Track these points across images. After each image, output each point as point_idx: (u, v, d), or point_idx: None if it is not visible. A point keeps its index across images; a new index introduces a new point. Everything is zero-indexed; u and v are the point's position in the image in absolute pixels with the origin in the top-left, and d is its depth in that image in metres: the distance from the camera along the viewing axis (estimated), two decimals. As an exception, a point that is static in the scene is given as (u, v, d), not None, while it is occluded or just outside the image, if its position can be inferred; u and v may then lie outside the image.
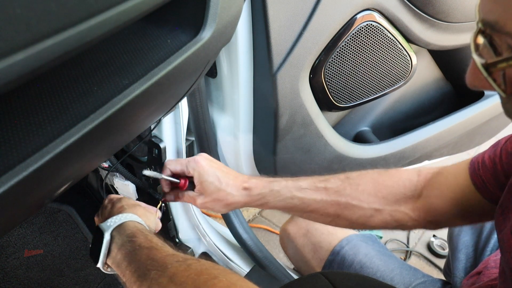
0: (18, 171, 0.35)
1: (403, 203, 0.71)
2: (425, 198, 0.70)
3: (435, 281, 0.90)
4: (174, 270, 0.52)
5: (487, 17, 0.35)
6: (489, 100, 1.23)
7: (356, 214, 0.72)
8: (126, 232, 0.62)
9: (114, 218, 0.65)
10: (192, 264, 0.52)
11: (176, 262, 0.53)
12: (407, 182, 0.72)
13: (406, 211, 0.71)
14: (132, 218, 0.66)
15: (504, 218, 0.52)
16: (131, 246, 0.59)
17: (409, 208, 0.71)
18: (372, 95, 1.04)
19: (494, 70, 0.36)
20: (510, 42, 0.34)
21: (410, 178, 0.72)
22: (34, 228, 1.29)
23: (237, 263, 1.22)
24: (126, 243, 0.60)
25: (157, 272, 0.52)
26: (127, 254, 0.59)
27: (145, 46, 0.51)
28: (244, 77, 0.93)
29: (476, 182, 0.62)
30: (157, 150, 0.99)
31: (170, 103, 0.73)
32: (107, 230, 0.63)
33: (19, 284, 1.18)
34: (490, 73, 0.37)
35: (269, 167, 1.06)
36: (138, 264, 0.56)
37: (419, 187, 0.71)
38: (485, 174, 0.61)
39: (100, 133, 0.44)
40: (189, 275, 0.50)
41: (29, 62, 0.29)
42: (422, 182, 0.71)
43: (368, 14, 0.89)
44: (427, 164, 1.40)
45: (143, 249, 0.58)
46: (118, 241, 0.62)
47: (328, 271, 0.91)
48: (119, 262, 0.60)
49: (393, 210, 0.71)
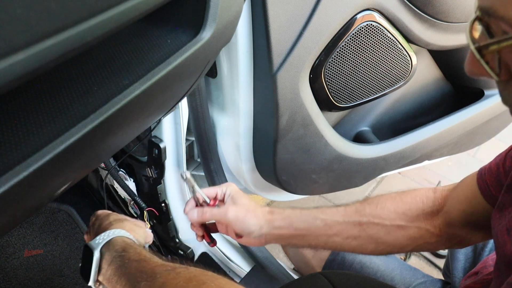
0: (18, 171, 0.35)
1: (423, 220, 0.71)
2: (444, 213, 0.70)
3: (435, 281, 0.90)
4: (164, 279, 0.52)
5: (483, 3, 0.37)
6: (489, 100, 1.23)
7: (380, 232, 0.72)
8: (115, 248, 0.63)
9: (102, 235, 0.65)
10: (181, 272, 0.53)
11: (165, 271, 0.54)
12: (424, 198, 0.72)
13: (427, 227, 0.71)
14: (120, 234, 0.66)
15: (501, 215, 0.53)
16: (121, 261, 0.60)
17: (430, 224, 0.71)
18: (372, 95, 1.04)
19: (486, 53, 0.38)
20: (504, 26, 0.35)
21: (427, 195, 0.73)
22: (34, 228, 1.29)
23: (237, 263, 1.22)
24: (116, 258, 0.61)
25: (146, 283, 0.53)
26: (117, 268, 0.59)
27: (145, 46, 0.51)
28: (244, 77, 0.93)
29: (482, 187, 0.63)
30: (157, 150, 0.99)
31: (170, 103, 0.73)
32: (96, 248, 0.63)
33: (19, 284, 1.18)
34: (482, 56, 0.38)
35: (269, 167, 1.06)
36: (128, 277, 0.56)
37: (437, 203, 0.71)
38: (490, 179, 0.62)
39: (100, 133, 0.44)
40: (178, 283, 0.50)
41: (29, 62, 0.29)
42: (439, 199, 0.72)
43: (368, 14, 0.89)
44: (427, 164, 1.40)
45: (132, 262, 0.58)
46: (108, 257, 0.62)
47: (328, 271, 0.91)
48: (110, 278, 0.60)
49: (415, 227, 0.71)
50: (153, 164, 1.03)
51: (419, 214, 0.71)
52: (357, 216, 0.73)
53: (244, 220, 0.72)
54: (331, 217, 0.73)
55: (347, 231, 0.72)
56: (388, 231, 0.71)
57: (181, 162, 1.06)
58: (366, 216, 0.72)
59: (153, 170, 1.04)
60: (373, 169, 1.17)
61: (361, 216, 0.72)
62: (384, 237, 0.72)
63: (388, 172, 1.27)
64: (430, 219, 0.71)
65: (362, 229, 0.72)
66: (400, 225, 0.71)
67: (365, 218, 0.72)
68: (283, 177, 1.07)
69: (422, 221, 0.71)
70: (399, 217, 0.72)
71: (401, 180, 1.86)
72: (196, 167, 1.21)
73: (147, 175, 1.06)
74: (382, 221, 0.72)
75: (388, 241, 0.72)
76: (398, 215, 0.72)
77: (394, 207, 0.72)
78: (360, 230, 0.72)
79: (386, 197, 0.75)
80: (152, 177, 1.05)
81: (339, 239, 0.73)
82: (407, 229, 0.71)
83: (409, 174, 1.88)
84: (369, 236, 0.72)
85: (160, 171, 1.03)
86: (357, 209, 0.73)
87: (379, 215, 0.72)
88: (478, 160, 2.00)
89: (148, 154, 1.02)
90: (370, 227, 0.72)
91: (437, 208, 0.71)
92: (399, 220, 0.71)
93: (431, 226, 0.71)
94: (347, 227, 0.72)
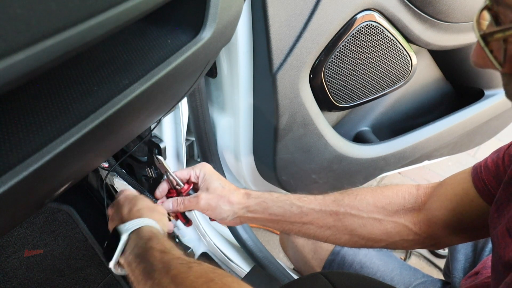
0: (18, 171, 0.35)
1: (403, 215, 0.70)
2: (426, 211, 0.69)
3: (435, 281, 0.90)
4: (176, 271, 0.54)
5: None
6: (489, 100, 1.23)
7: (355, 223, 0.71)
8: (141, 236, 0.65)
9: (133, 222, 0.67)
10: (193, 267, 0.54)
11: (180, 264, 0.55)
12: (406, 194, 0.71)
13: (406, 224, 0.70)
14: (149, 223, 0.68)
15: (499, 214, 0.53)
16: (144, 249, 0.61)
17: (410, 221, 0.70)
18: (372, 95, 1.04)
19: (491, 40, 0.38)
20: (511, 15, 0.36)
21: (410, 191, 0.72)
22: (34, 228, 1.29)
23: (237, 263, 1.22)
24: (140, 245, 0.63)
25: (160, 273, 0.54)
26: (138, 255, 0.61)
27: (145, 46, 0.51)
28: (244, 77, 0.93)
29: (478, 185, 0.62)
30: (157, 150, 0.99)
31: (170, 103, 0.73)
32: (125, 232, 0.65)
33: (19, 284, 1.18)
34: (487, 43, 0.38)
35: (269, 167, 1.06)
36: (146, 264, 0.58)
37: (420, 200, 0.70)
38: (487, 177, 0.61)
39: (100, 133, 0.45)
40: (188, 277, 0.52)
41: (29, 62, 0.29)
42: (422, 196, 0.71)
43: (368, 14, 0.89)
44: (427, 164, 1.40)
45: (153, 251, 0.60)
46: (132, 243, 0.64)
47: (328, 271, 0.91)
48: (130, 262, 0.62)
49: (393, 221, 0.70)
50: (153, 164, 1.03)
51: (399, 209, 0.70)
52: (334, 206, 0.72)
53: (216, 208, 0.74)
54: (308, 205, 0.72)
55: (323, 219, 0.72)
56: (364, 223, 0.70)
57: (181, 162, 1.06)
58: (343, 206, 0.71)
59: (153, 170, 1.04)
60: (373, 169, 1.17)
61: (338, 206, 0.72)
62: (359, 228, 0.71)
63: (388, 172, 1.27)
64: (410, 216, 0.70)
65: (338, 219, 0.71)
66: (377, 218, 0.70)
67: (342, 208, 0.71)
68: (283, 177, 1.07)
69: (402, 217, 0.70)
70: (378, 210, 0.71)
71: (401, 180, 1.86)
72: (196, 167, 1.21)
73: (147, 175, 1.06)
74: (359, 212, 0.71)
75: (363, 233, 0.71)
76: (376, 208, 0.71)
77: (374, 200, 0.71)
78: (335, 220, 0.71)
79: (367, 190, 0.73)
80: (152, 177, 1.05)
81: (313, 227, 0.73)
82: (384, 223, 0.70)
83: (409, 174, 1.88)
84: (344, 226, 0.71)
85: (160, 171, 1.03)
86: (335, 199, 0.73)
87: (357, 207, 0.71)
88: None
89: (148, 154, 1.02)
90: (346, 217, 0.71)
91: (419, 205, 0.70)
92: (376, 213, 0.70)
93: (410, 223, 0.70)
94: (322, 216, 0.72)
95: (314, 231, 0.73)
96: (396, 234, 0.70)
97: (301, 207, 0.72)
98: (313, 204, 0.73)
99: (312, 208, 0.72)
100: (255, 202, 0.74)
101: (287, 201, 0.73)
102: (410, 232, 0.70)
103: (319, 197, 0.74)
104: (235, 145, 1.07)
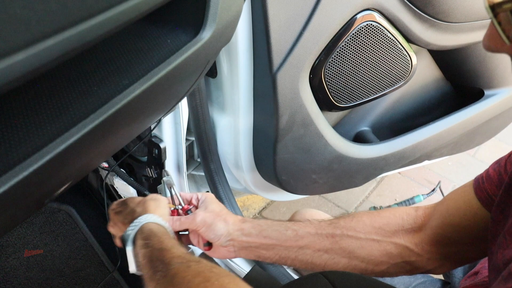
0: (18, 171, 0.35)
1: (402, 236, 0.68)
2: (427, 230, 0.67)
3: (435, 281, 0.90)
4: (176, 271, 0.53)
5: None
6: (489, 100, 1.23)
7: (353, 245, 0.69)
8: (141, 236, 0.65)
9: (132, 225, 0.68)
10: (192, 266, 0.54)
11: (179, 263, 0.55)
12: (404, 215, 0.70)
13: (406, 245, 0.68)
14: (147, 219, 0.68)
15: (505, 216, 0.53)
16: (145, 249, 0.62)
17: (410, 242, 0.68)
18: (372, 95, 1.04)
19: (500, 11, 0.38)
20: None
21: (408, 212, 0.70)
22: (34, 228, 1.29)
23: (237, 263, 1.22)
24: (142, 246, 0.63)
25: (161, 273, 0.55)
26: (144, 256, 0.62)
27: (145, 46, 0.51)
28: (244, 77, 0.93)
29: (481, 196, 0.61)
30: (157, 150, 0.99)
31: (170, 103, 0.73)
32: (128, 240, 0.66)
33: (19, 284, 1.18)
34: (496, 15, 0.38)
35: (269, 167, 1.06)
36: (150, 265, 0.58)
37: (419, 221, 0.69)
38: (490, 187, 0.60)
39: (100, 133, 0.45)
40: (186, 277, 0.51)
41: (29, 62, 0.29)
42: (422, 217, 0.69)
43: (368, 14, 0.89)
44: (427, 164, 1.40)
45: (154, 250, 0.60)
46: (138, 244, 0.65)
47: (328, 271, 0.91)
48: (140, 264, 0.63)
49: (392, 242, 0.68)
50: (153, 164, 1.03)
51: (398, 230, 0.69)
52: (331, 228, 0.70)
53: (212, 224, 0.72)
54: (303, 228, 0.71)
55: (319, 243, 0.70)
56: (362, 244, 0.69)
57: (181, 162, 1.06)
58: (339, 228, 0.70)
59: (153, 170, 1.04)
60: (373, 169, 1.17)
61: (334, 228, 0.70)
62: (357, 250, 0.69)
63: (388, 172, 1.27)
64: (411, 236, 0.68)
65: (335, 241, 0.69)
66: (375, 239, 0.68)
67: (338, 230, 0.70)
68: (283, 177, 1.07)
69: (401, 238, 0.68)
70: (375, 231, 0.69)
71: (401, 180, 1.86)
72: (196, 167, 1.21)
73: (147, 175, 1.06)
74: (356, 233, 0.69)
75: (362, 255, 0.69)
76: (374, 229, 0.69)
77: (371, 221, 0.70)
78: (332, 243, 0.69)
79: (363, 212, 0.73)
80: (152, 177, 1.05)
81: (310, 251, 0.71)
82: (383, 244, 0.68)
83: (409, 174, 1.88)
84: (341, 249, 0.69)
85: (160, 171, 1.03)
86: (331, 222, 0.72)
87: (354, 228, 0.69)
88: (478, 160, 2.00)
89: (148, 154, 1.02)
90: (343, 239, 0.69)
91: (419, 226, 0.68)
92: (374, 234, 0.69)
93: (411, 244, 0.68)
94: (319, 239, 0.70)
95: (311, 256, 0.71)
96: (398, 256, 0.68)
97: (296, 230, 0.71)
98: (308, 227, 0.72)
99: (308, 231, 0.71)
100: (250, 225, 0.73)
101: (282, 225, 0.73)
102: (412, 254, 0.68)
103: (314, 222, 0.73)
104: (235, 145, 1.07)
